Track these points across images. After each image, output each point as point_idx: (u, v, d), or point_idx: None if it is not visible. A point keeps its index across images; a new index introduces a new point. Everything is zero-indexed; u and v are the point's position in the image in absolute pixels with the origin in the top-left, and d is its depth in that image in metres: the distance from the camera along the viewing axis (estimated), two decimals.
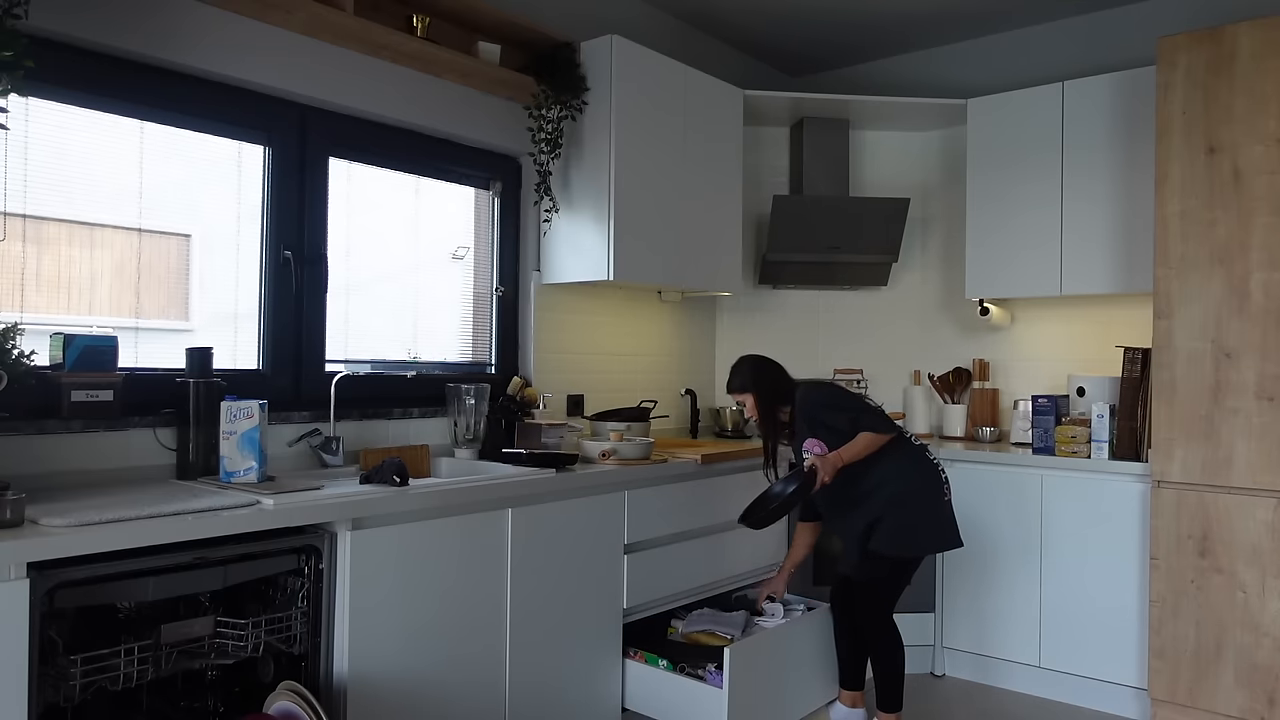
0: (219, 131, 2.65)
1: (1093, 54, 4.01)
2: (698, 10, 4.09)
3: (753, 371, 2.98)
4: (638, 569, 2.96)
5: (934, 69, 4.49)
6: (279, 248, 2.76)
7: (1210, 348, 3.05)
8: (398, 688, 2.25)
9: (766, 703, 2.91)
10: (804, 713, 3.09)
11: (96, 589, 1.81)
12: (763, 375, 2.99)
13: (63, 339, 2.20)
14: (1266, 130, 2.96)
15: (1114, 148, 3.61)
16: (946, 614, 3.72)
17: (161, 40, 2.41)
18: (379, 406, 2.94)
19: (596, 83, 3.29)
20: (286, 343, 2.77)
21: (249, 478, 2.29)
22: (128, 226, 2.51)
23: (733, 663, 2.75)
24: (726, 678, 2.75)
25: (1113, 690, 3.35)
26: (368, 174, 3.06)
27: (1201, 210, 3.08)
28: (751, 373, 2.98)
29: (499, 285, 3.43)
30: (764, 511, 2.81)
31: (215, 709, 2.21)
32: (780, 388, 2.99)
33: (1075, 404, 3.65)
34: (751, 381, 2.97)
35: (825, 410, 2.90)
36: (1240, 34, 3.01)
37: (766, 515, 2.81)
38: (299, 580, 2.15)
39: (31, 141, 2.27)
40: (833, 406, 2.91)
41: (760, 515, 2.82)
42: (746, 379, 2.97)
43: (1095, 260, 3.65)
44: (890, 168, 4.45)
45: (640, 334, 3.92)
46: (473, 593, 2.44)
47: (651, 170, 3.41)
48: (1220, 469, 3.01)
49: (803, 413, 2.92)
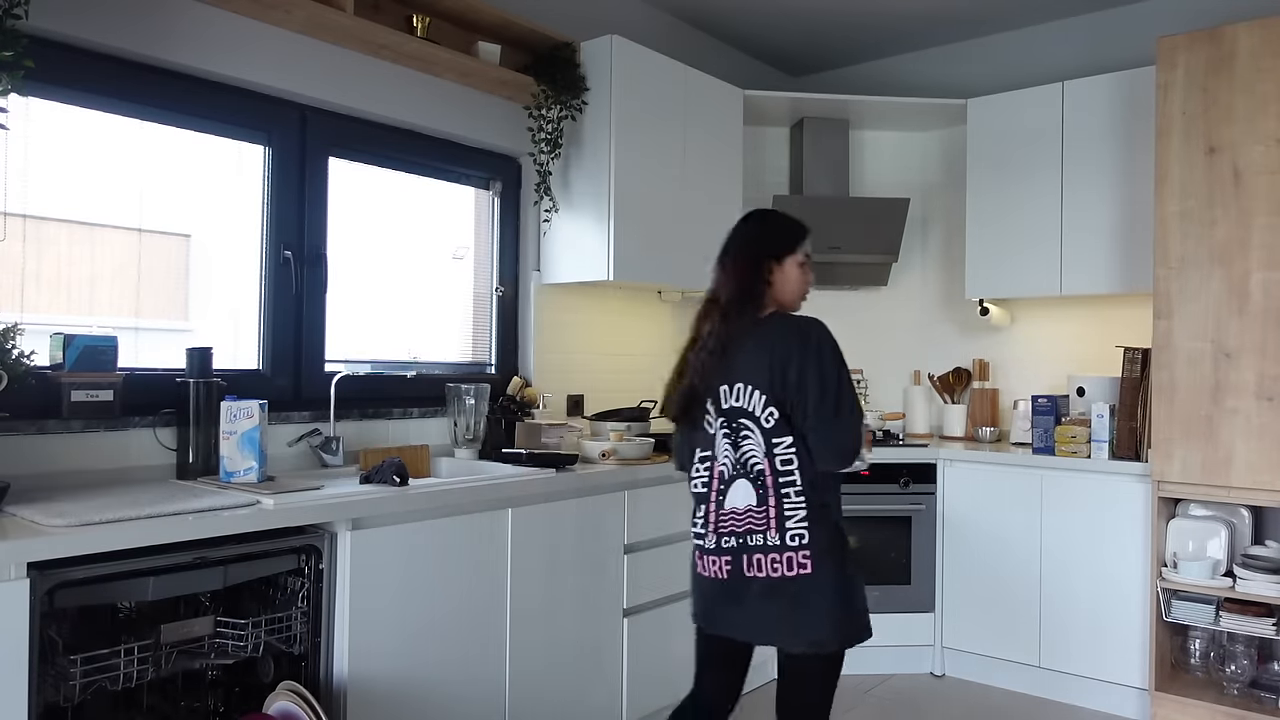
0: (219, 131, 2.65)
1: (1093, 54, 4.01)
2: (698, 10, 4.09)
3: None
4: (638, 569, 2.96)
5: (934, 69, 4.48)
6: (279, 248, 2.76)
7: (1210, 348, 3.05)
8: (398, 688, 2.25)
9: None
10: None
11: (96, 589, 1.81)
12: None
13: (63, 339, 2.19)
14: (1266, 130, 2.96)
15: (1114, 148, 3.61)
16: (946, 614, 3.72)
17: (161, 40, 2.40)
18: (379, 406, 2.94)
19: (596, 83, 3.29)
20: (286, 343, 2.77)
21: (249, 478, 2.29)
22: (128, 226, 2.51)
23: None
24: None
25: (1113, 690, 3.35)
26: (368, 174, 3.06)
27: (1201, 210, 3.08)
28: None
29: (499, 285, 3.43)
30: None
31: (215, 709, 2.21)
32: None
33: (1075, 404, 3.65)
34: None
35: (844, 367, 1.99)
36: (1240, 34, 3.01)
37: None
38: (299, 580, 2.15)
39: (31, 141, 2.27)
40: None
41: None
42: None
43: (1095, 260, 3.65)
44: (890, 168, 4.45)
45: (640, 334, 3.92)
46: (473, 593, 2.44)
47: (651, 170, 3.41)
48: (1220, 469, 3.01)
49: (801, 343, 1.97)
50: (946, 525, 3.72)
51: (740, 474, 2.00)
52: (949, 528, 3.71)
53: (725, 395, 2.02)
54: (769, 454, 1.97)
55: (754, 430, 1.99)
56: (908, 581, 3.72)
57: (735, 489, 2.00)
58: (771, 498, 1.96)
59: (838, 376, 1.95)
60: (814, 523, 1.94)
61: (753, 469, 1.98)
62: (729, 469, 2.02)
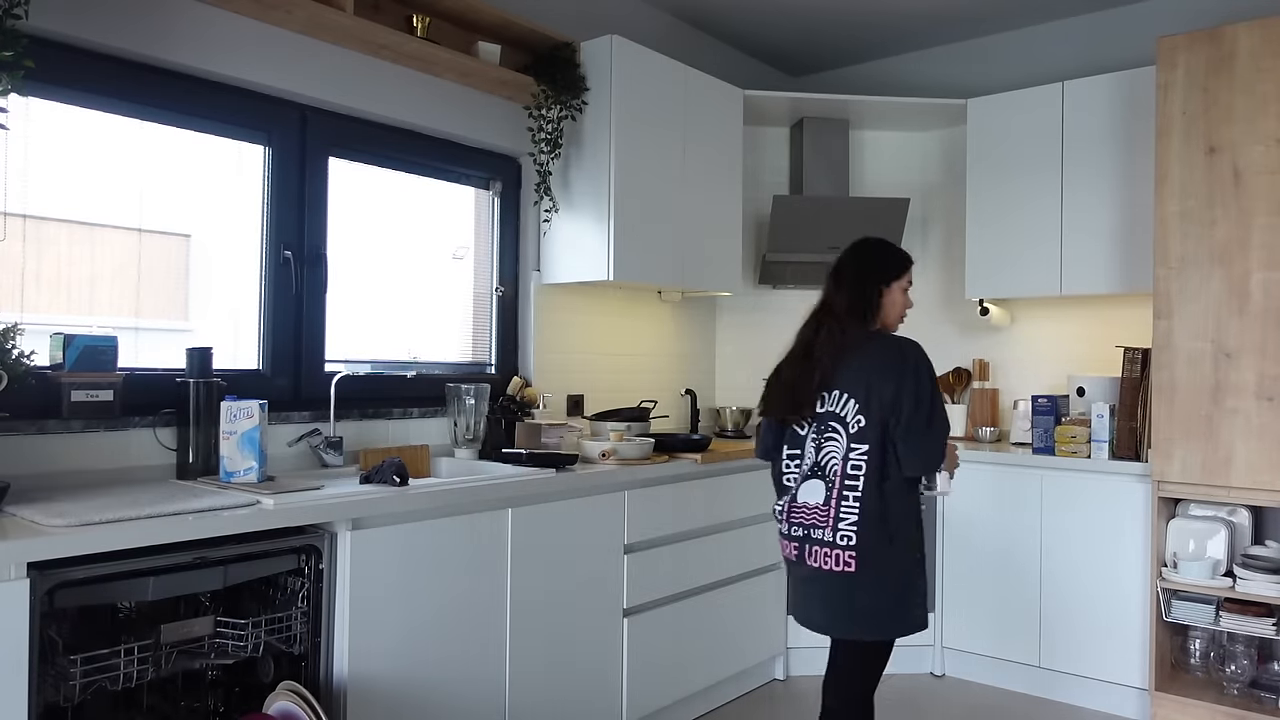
0: (219, 131, 2.65)
1: (1093, 54, 4.01)
2: (698, 10, 4.09)
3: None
4: (638, 569, 2.96)
5: (934, 69, 4.49)
6: (279, 247, 2.76)
7: (1210, 348, 3.05)
8: (398, 688, 2.25)
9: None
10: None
11: (96, 589, 1.81)
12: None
13: (63, 339, 2.20)
14: (1266, 130, 2.96)
15: (1114, 148, 3.61)
16: (946, 614, 3.72)
17: (161, 40, 2.41)
18: (379, 406, 2.94)
19: (596, 83, 3.29)
20: (286, 343, 2.77)
21: (249, 478, 2.29)
22: (128, 226, 2.51)
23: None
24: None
25: (1113, 690, 3.35)
26: (368, 174, 3.06)
27: (1201, 210, 3.08)
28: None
29: (499, 285, 3.43)
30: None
31: (215, 709, 2.21)
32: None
33: (1075, 404, 3.65)
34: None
35: (934, 383, 2.20)
36: (1240, 34, 3.01)
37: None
38: (299, 580, 2.15)
39: (31, 141, 2.27)
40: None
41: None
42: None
43: (1095, 260, 3.65)
44: (890, 168, 4.45)
45: (640, 334, 3.92)
46: (473, 593, 2.44)
47: (651, 170, 3.41)
48: (1220, 469, 3.01)
49: (900, 363, 2.18)
50: (946, 525, 3.72)
51: (815, 474, 2.24)
52: (949, 528, 3.71)
53: (823, 401, 2.25)
54: (845, 459, 2.18)
55: (839, 436, 2.21)
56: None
57: (808, 486, 2.25)
58: (834, 499, 2.19)
59: (930, 393, 2.17)
60: (864, 527, 2.14)
61: (828, 471, 2.21)
62: (808, 468, 2.26)
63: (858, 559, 2.14)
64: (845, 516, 2.16)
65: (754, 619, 3.47)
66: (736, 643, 3.39)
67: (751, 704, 3.44)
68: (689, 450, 3.28)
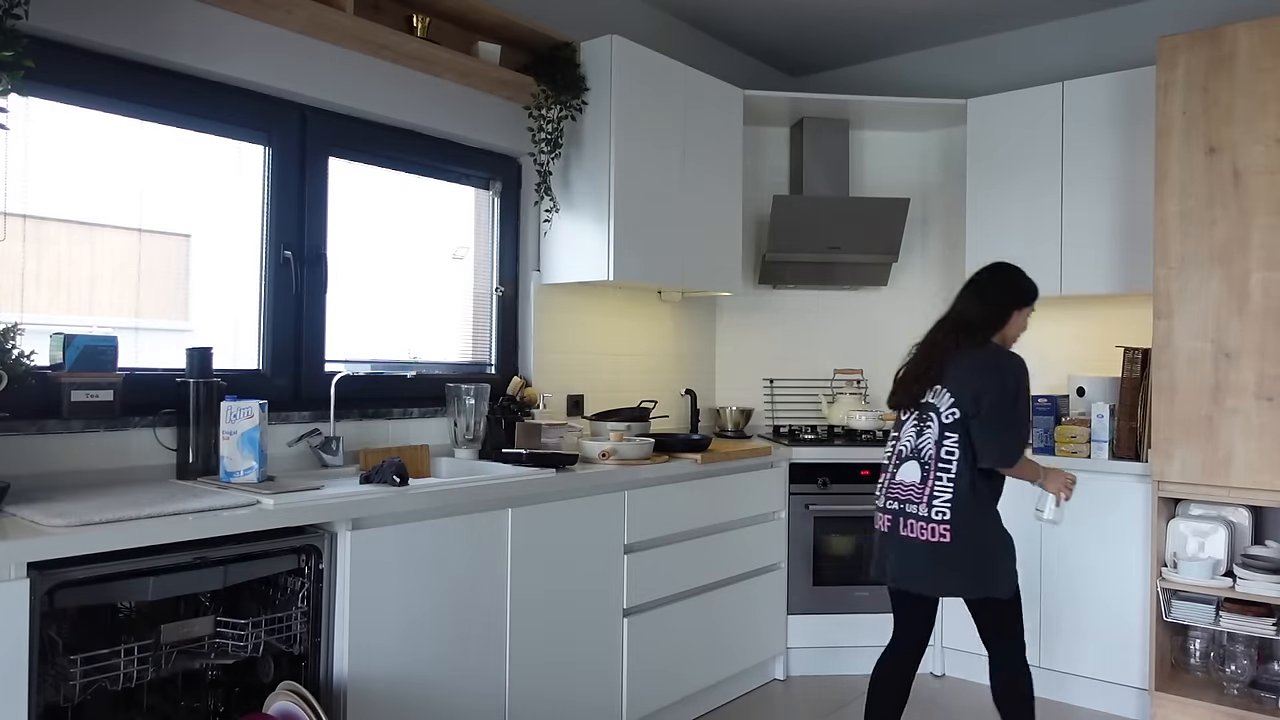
0: (219, 131, 2.65)
1: (1093, 54, 4.01)
2: (698, 10, 4.09)
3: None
4: (638, 569, 2.96)
5: (934, 69, 4.49)
6: (279, 247, 2.76)
7: (1210, 348, 3.05)
8: (398, 688, 2.25)
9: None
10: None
11: (96, 589, 1.81)
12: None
13: (63, 339, 2.19)
14: (1266, 130, 2.96)
15: (1114, 148, 3.61)
16: (947, 614, 3.72)
17: (161, 40, 2.41)
18: (379, 406, 2.94)
19: (596, 83, 3.29)
20: (286, 343, 2.77)
21: (249, 478, 2.29)
22: (128, 226, 2.51)
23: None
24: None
25: (1113, 690, 3.36)
26: (368, 174, 3.06)
27: (1201, 210, 3.08)
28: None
29: (499, 285, 3.43)
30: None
31: (215, 709, 2.21)
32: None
33: (1075, 404, 3.65)
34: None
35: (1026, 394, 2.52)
36: (1240, 34, 3.01)
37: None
38: (299, 580, 2.15)
39: (31, 141, 2.27)
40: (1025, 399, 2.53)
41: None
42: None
43: (1095, 260, 3.65)
44: (890, 168, 4.45)
45: (640, 334, 3.92)
46: (473, 593, 2.44)
47: (651, 170, 3.41)
48: (1220, 469, 3.01)
49: (998, 367, 2.49)
50: None
51: (913, 456, 2.56)
52: None
53: (929, 394, 2.56)
54: (938, 444, 2.50)
55: (934, 425, 2.52)
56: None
57: (906, 467, 2.57)
58: (930, 480, 2.50)
59: (1014, 397, 2.47)
60: (957, 507, 2.46)
61: (923, 455, 2.53)
62: (906, 450, 2.58)
63: (952, 531, 2.45)
64: (939, 494, 2.48)
65: (754, 619, 3.48)
66: (736, 643, 3.39)
67: (751, 704, 3.44)
68: (689, 450, 3.28)
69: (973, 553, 2.48)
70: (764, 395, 4.36)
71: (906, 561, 2.55)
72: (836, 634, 3.70)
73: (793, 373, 4.40)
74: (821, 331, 4.43)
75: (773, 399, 4.36)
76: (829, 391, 4.28)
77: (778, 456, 3.62)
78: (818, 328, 4.43)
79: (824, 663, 3.75)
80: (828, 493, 3.70)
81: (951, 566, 2.48)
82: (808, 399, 4.38)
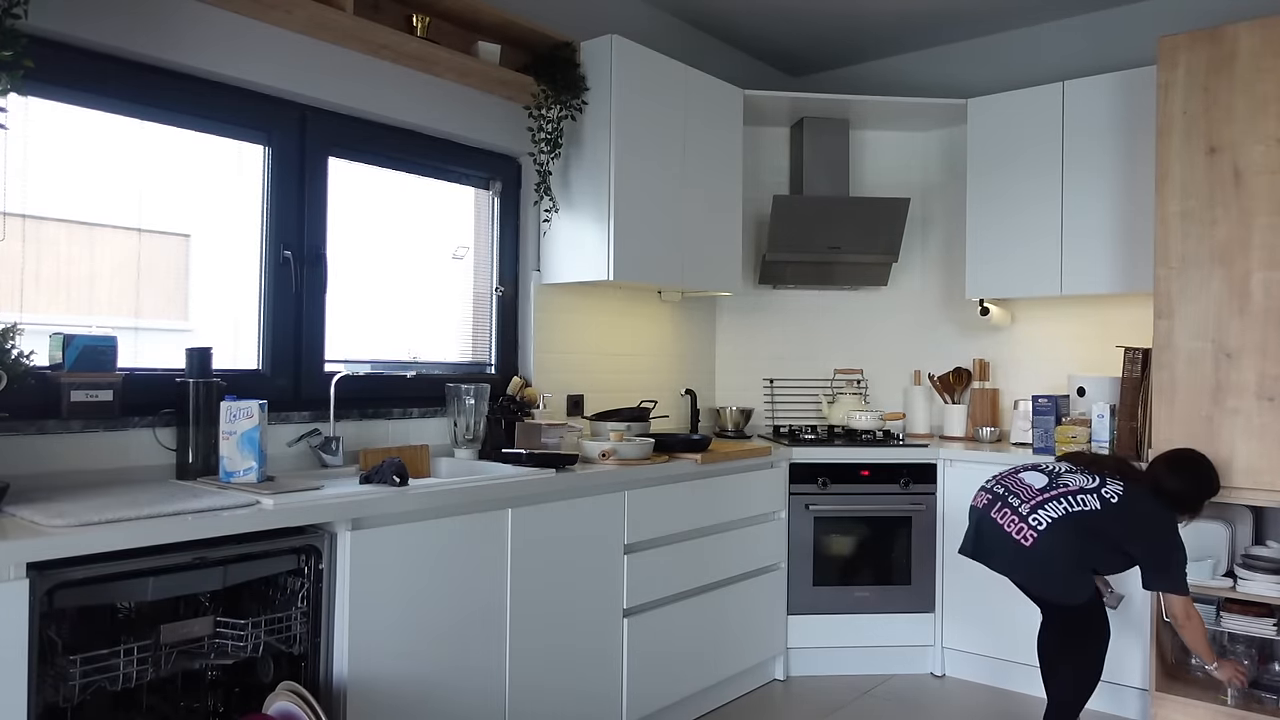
0: (219, 131, 2.65)
1: (1093, 54, 4.01)
2: (698, 10, 4.09)
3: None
4: (638, 569, 2.96)
5: (934, 69, 4.49)
6: (279, 247, 2.76)
7: (1210, 348, 3.05)
8: (397, 688, 2.25)
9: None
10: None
11: (96, 589, 1.81)
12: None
13: (62, 339, 2.19)
14: (1267, 130, 2.96)
15: (1114, 147, 3.61)
16: (947, 614, 3.72)
17: (161, 40, 2.41)
18: (379, 406, 2.94)
19: (596, 83, 3.29)
20: (286, 343, 2.77)
21: (249, 478, 2.29)
22: (128, 226, 2.51)
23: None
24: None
25: (1113, 690, 3.35)
26: (368, 174, 3.06)
27: (1202, 210, 3.08)
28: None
29: (499, 285, 3.43)
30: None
31: (215, 709, 2.21)
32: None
33: (1075, 404, 3.65)
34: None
35: (1178, 543, 2.72)
36: (1240, 34, 3.01)
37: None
38: (299, 580, 2.15)
39: (31, 141, 2.27)
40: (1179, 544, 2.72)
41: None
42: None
43: (1095, 260, 3.65)
44: (890, 168, 4.45)
45: (640, 334, 3.92)
46: (473, 593, 2.44)
47: (651, 170, 3.41)
48: (1220, 469, 3.01)
49: (1145, 524, 2.71)
50: (947, 525, 3.72)
51: (1045, 474, 2.83)
52: (949, 528, 3.71)
53: (1110, 480, 2.79)
54: (1074, 492, 2.71)
55: (1088, 484, 2.75)
56: (908, 582, 3.72)
57: (1033, 474, 2.84)
58: (1048, 494, 2.73)
59: (1169, 548, 2.71)
60: (1053, 533, 2.64)
61: (1058, 482, 2.76)
62: (1044, 466, 2.88)
63: (1036, 540, 2.65)
64: (1048, 510, 2.68)
65: (754, 619, 3.47)
66: (736, 643, 3.39)
67: (751, 704, 3.44)
68: (689, 450, 3.28)
69: (1046, 564, 2.66)
70: (764, 395, 4.36)
71: (991, 542, 2.76)
72: (836, 634, 3.70)
73: (793, 373, 4.40)
74: (821, 331, 4.43)
75: (773, 399, 4.36)
76: (829, 391, 4.28)
77: (778, 456, 3.62)
78: (818, 328, 4.43)
79: (824, 663, 3.75)
80: (828, 493, 3.70)
81: (1024, 561, 2.68)
82: (808, 399, 4.38)
